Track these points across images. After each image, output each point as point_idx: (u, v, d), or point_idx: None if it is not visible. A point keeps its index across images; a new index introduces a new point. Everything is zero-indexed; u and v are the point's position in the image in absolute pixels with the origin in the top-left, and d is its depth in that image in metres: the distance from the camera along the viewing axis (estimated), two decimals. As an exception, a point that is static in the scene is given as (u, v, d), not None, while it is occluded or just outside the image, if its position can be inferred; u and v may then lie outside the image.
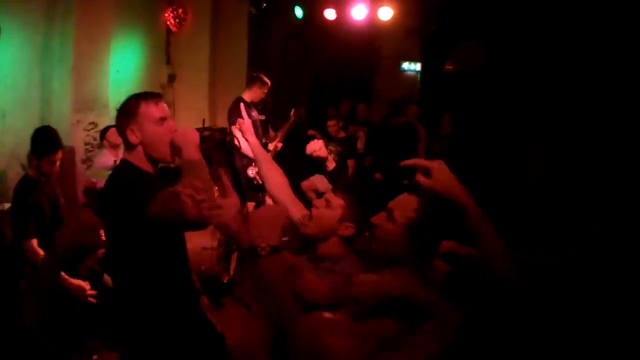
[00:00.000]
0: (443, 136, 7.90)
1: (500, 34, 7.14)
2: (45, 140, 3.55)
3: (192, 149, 2.18)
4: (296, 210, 2.43)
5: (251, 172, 5.89)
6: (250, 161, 5.95)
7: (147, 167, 2.33)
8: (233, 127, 2.69)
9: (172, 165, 2.44)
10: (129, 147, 2.31)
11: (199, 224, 2.11)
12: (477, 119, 7.51)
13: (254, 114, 6.10)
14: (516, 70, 6.83)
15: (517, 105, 6.66)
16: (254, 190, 6.20)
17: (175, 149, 2.24)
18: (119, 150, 5.25)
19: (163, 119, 2.28)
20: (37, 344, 3.44)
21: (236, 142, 2.65)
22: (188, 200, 1.99)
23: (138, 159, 2.30)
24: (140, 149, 2.29)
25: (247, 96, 6.21)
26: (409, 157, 1.76)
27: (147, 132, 2.26)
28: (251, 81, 6.33)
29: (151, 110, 2.27)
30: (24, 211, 3.42)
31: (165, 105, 2.36)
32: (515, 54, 6.81)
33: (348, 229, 2.24)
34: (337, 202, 2.26)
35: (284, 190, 2.51)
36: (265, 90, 6.27)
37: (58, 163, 3.57)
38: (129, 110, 2.28)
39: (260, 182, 5.84)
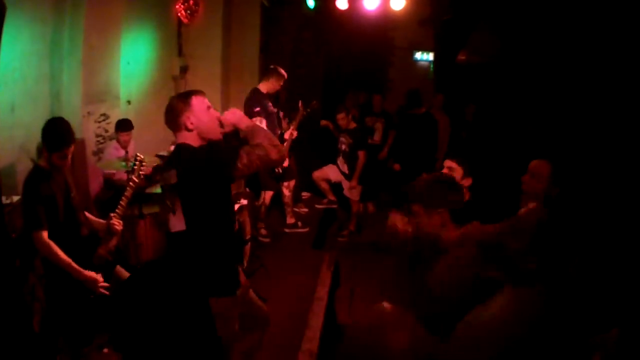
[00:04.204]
0: (466, 123, 7.98)
1: (515, 24, 7.01)
2: (57, 134, 3.46)
3: (245, 120, 2.88)
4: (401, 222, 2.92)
5: None
6: None
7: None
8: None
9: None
10: (187, 130, 2.79)
11: (281, 161, 3.19)
12: (492, 109, 7.45)
13: (270, 105, 6.10)
14: (531, 61, 6.72)
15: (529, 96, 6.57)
16: (274, 180, 6.31)
17: (226, 125, 2.86)
18: (128, 147, 5.53)
19: (209, 107, 2.85)
20: (46, 338, 3.45)
21: None
22: (269, 147, 2.70)
23: (193, 140, 2.81)
24: (195, 132, 2.80)
25: (264, 87, 6.20)
26: (428, 147, 1.99)
27: (201, 118, 2.79)
28: (268, 73, 6.32)
29: (201, 101, 2.83)
30: (34, 201, 3.35)
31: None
32: (531, 45, 6.69)
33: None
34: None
35: None
36: (282, 83, 6.27)
37: (70, 156, 3.50)
38: (183, 101, 2.81)
39: (280, 171, 5.97)
